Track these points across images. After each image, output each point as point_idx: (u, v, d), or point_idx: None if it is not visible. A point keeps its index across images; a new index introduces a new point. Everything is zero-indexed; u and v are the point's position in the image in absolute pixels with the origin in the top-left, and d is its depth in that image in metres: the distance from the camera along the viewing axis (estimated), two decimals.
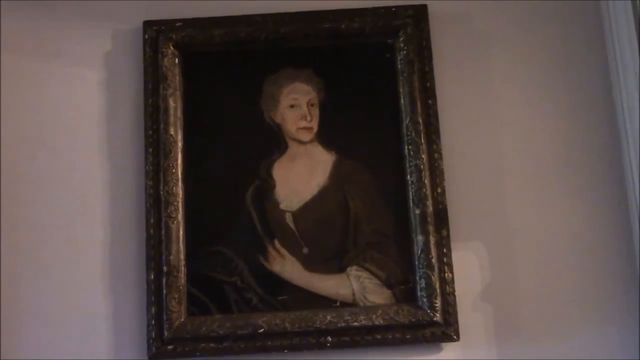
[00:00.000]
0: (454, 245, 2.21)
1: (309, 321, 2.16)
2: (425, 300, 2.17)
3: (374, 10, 2.32)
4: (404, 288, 2.21)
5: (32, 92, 2.33)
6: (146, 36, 2.32)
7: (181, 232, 2.22)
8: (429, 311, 2.16)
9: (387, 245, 2.23)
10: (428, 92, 2.28)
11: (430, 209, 2.21)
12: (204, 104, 2.32)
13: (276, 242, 2.23)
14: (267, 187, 2.27)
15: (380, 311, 2.17)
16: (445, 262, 2.19)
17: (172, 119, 2.27)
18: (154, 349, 2.16)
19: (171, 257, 2.19)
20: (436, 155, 2.25)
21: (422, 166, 2.23)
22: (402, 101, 2.28)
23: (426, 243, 2.19)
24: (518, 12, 2.36)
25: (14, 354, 2.18)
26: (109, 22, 2.35)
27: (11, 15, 2.35)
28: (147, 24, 2.33)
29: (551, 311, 2.20)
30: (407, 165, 2.25)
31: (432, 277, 2.17)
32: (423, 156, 2.24)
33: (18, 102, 2.32)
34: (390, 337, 2.16)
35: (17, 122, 2.31)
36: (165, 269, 2.18)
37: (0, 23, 2.34)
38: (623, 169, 2.20)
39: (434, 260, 2.18)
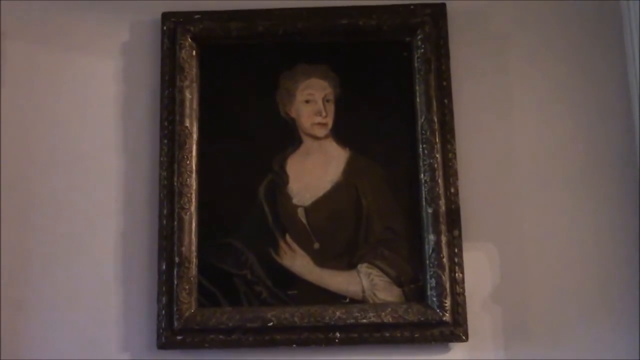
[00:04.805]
0: (465, 245, 2.21)
1: (318, 316, 2.17)
2: (434, 299, 2.17)
3: (392, 8, 2.31)
4: (413, 287, 2.21)
5: (50, 83, 2.35)
6: (164, 28, 2.32)
7: (193, 224, 2.23)
8: (438, 310, 2.16)
9: (398, 244, 2.23)
10: (444, 91, 2.27)
11: (442, 208, 2.20)
12: (220, 96, 2.32)
13: (287, 237, 2.24)
14: (280, 181, 2.27)
15: (389, 309, 2.17)
16: (456, 262, 2.19)
17: (187, 110, 2.28)
18: (163, 338, 2.17)
19: (183, 249, 2.20)
20: (450, 155, 2.24)
21: (436, 165, 2.22)
22: (417, 99, 2.27)
23: (437, 242, 2.19)
24: (536, 12, 2.35)
25: (24, 339, 2.20)
26: (127, 13, 2.36)
27: (29, 5, 2.37)
28: (166, 16, 2.33)
29: (560, 314, 2.20)
30: (421, 164, 2.24)
31: (443, 276, 2.17)
32: (437, 155, 2.23)
33: (35, 93, 2.34)
34: (398, 335, 2.17)
35: (34, 113, 2.33)
36: (176, 259, 2.19)
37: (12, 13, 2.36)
38: (638, 173, 2.18)
39: (444, 259, 2.18)
